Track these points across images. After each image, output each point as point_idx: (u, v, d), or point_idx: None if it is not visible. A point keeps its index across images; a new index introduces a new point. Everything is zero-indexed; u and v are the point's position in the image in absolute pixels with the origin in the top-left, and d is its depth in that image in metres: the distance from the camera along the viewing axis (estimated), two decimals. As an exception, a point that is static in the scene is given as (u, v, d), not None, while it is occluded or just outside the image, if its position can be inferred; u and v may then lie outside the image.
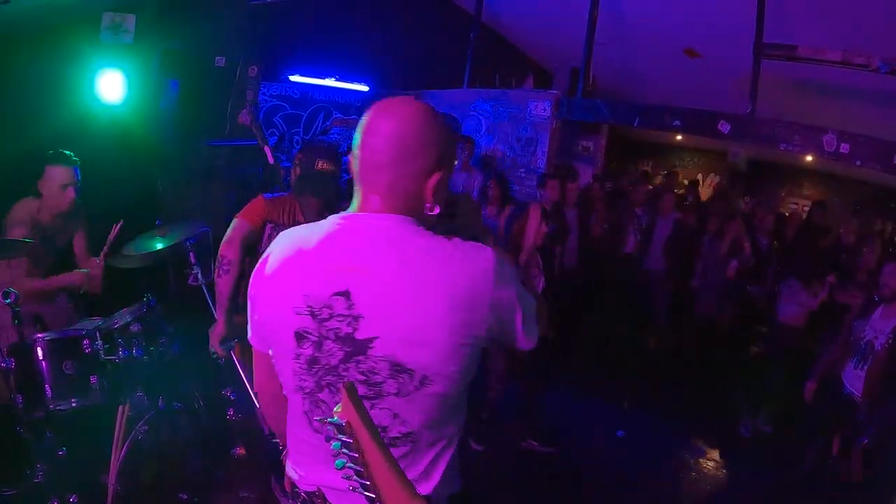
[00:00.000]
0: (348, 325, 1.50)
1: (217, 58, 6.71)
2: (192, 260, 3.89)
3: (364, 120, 1.59)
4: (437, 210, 1.62)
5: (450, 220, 1.70)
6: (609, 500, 4.73)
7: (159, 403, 3.57)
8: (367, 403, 1.49)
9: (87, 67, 5.53)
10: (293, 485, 1.78)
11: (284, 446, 1.83)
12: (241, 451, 3.96)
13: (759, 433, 5.86)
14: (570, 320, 7.44)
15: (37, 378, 3.19)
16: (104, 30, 5.83)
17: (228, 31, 6.79)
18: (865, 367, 4.51)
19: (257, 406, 3.59)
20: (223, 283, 3.52)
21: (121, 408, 3.36)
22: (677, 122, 7.10)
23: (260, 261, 1.69)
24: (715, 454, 5.51)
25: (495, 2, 9.57)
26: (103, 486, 3.32)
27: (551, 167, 8.15)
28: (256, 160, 6.54)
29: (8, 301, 3.05)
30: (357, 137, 1.60)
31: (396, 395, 1.52)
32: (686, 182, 12.86)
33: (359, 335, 1.50)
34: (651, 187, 9.02)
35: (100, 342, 3.32)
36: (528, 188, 8.07)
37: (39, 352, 3.19)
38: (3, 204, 3.90)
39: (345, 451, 1.20)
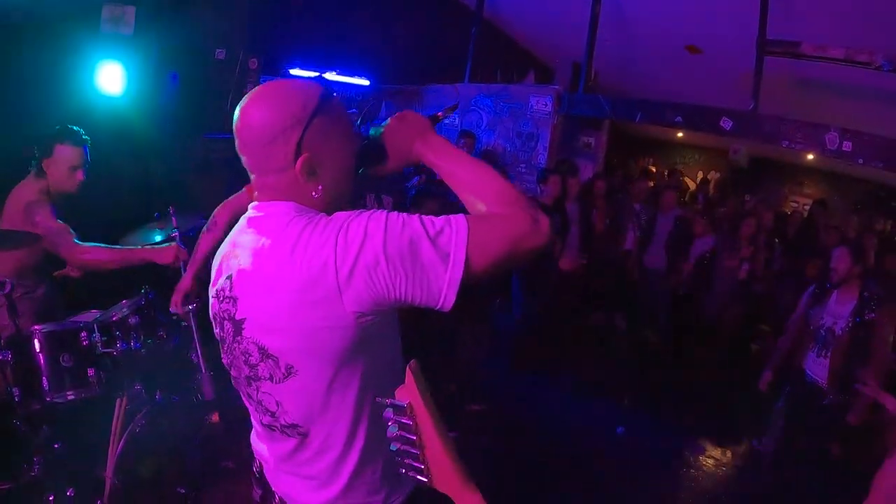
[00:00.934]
0: (231, 305, 1.55)
1: (217, 50, 6.69)
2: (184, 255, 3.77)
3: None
4: (319, 190, 1.55)
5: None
6: (608, 496, 4.72)
7: (157, 397, 3.55)
8: (254, 385, 1.57)
9: (87, 59, 5.51)
10: (254, 457, 1.88)
11: None
12: (215, 417, 3.92)
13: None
14: (570, 316, 7.45)
15: (34, 370, 3.16)
16: (104, 22, 5.81)
17: (229, 24, 6.77)
18: (828, 354, 4.54)
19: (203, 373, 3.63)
20: (203, 240, 3.52)
21: (119, 401, 3.34)
22: (679, 119, 7.08)
23: None
24: (715, 452, 5.50)
25: (496, -4, 9.56)
26: (101, 479, 3.30)
27: (552, 163, 8.13)
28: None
29: (3, 292, 3.02)
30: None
31: (270, 380, 1.53)
32: (687, 180, 12.89)
33: (237, 316, 1.54)
34: (652, 184, 8.97)
35: (97, 335, 3.29)
36: (528, 184, 8.05)
37: (36, 344, 3.16)
38: (2, 196, 3.85)
39: (402, 432, 1.24)
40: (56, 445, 3.22)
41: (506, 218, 1.42)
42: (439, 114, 1.79)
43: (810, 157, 11.13)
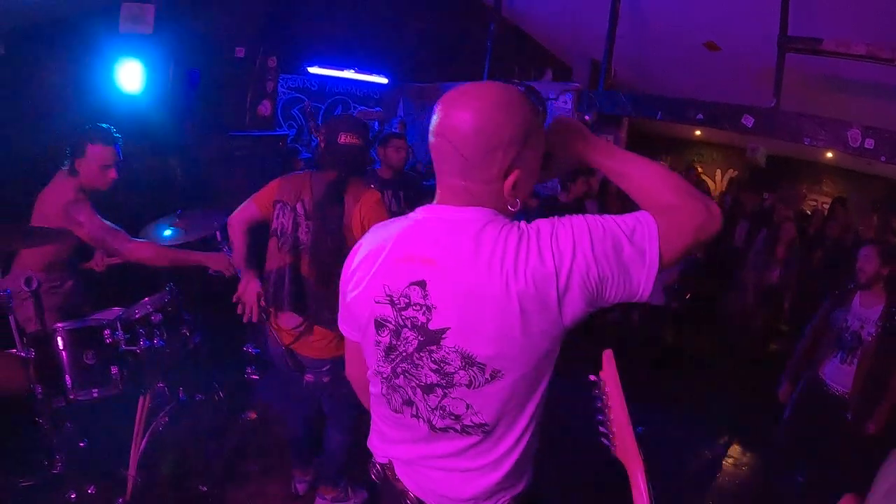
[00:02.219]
0: (423, 314, 1.52)
1: (236, 48, 6.71)
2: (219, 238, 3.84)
3: (439, 110, 1.54)
4: (517, 204, 1.56)
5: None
6: (623, 495, 4.66)
7: (180, 395, 3.55)
8: (439, 391, 1.54)
9: (107, 58, 5.54)
10: (371, 456, 1.86)
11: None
12: (252, 415, 3.93)
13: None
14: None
15: (57, 368, 3.16)
16: (123, 20, 5.84)
17: (247, 22, 6.80)
18: (854, 361, 4.23)
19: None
20: (237, 262, 3.55)
21: (141, 399, 3.35)
22: (700, 116, 7.02)
23: (351, 251, 1.76)
24: (735, 451, 5.46)
25: (513, -6, 9.54)
26: (123, 477, 3.32)
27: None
28: (276, 151, 6.54)
29: (30, 288, 3.02)
30: (433, 127, 1.55)
31: (468, 386, 1.53)
32: (705, 178, 12.84)
33: (432, 325, 1.51)
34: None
35: (120, 332, 3.28)
36: (548, 182, 8.02)
37: (59, 341, 3.15)
38: (27, 194, 3.86)
39: (598, 403, 1.58)
40: (80, 444, 3.21)
41: (685, 210, 1.48)
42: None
43: (829, 155, 11.03)
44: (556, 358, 1.58)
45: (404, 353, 1.58)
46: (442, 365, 1.53)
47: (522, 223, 1.50)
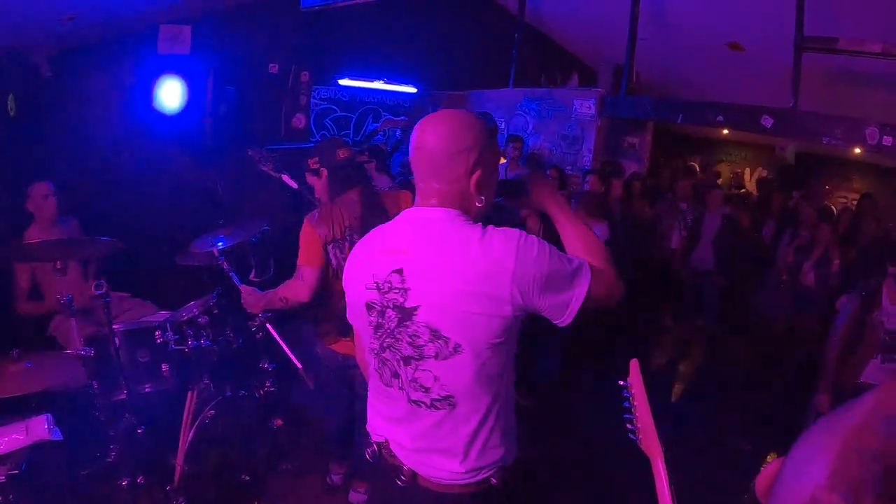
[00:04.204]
0: (401, 295, 1.86)
1: (270, 64, 6.97)
2: (225, 268, 3.92)
3: (414, 135, 1.92)
4: (482, 201, 1.93)
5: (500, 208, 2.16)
6: (649, 492, 4.74)
7: (225, 391, 3.79)
8: (413, 363, 1.86)
9: (147, 78, 5.80)
10: (367, 436, 2.15)
11: None
12: (279, 422, 4.14)
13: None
14: (618, 315, 7.55)
15: (113, 366, 3.44)
16: (161, 42, 6.12)
17: (280, 39, 7.05)
18: (895, 359, 4.17)
19: (300, 367, 3.85)
20: (280, 303, 3.53)
21: (189, 394, 3.59)
22: (720, 118, 7.13)
23: (352, 251, 2.10)
24: (763, 451, 5.48)
25: (538, 1, 9.68)
26: (171, 466, 3.55)
27: (597, 164, 8.26)
28: (297, 166, 6.77)
29: (100, 292, 3.29)
30: (412, 144, 1.92)
31: (435, 357, 1.85)
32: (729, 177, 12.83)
33: (407, 304, 1.85)
34: (694, 182, 8.98)
35: (170, 333, 3.58)
36: (573, 185, 8.19)
37: (116, 341, 3.44)
38: (74, 201, 4.19)
39: (626, 404, 1.90)
40: (138, 431, 3.47)
41: (605, 272, 1.90)
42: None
43: (857, 150, 11.01)
44: (510, 358, 1.93)
45: (388, 330, 1.91)
46: (414, 338, 1.85)
47: (490, 226, 1.86)
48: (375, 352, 1.98)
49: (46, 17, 5.09)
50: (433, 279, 1.80)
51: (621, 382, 1.92)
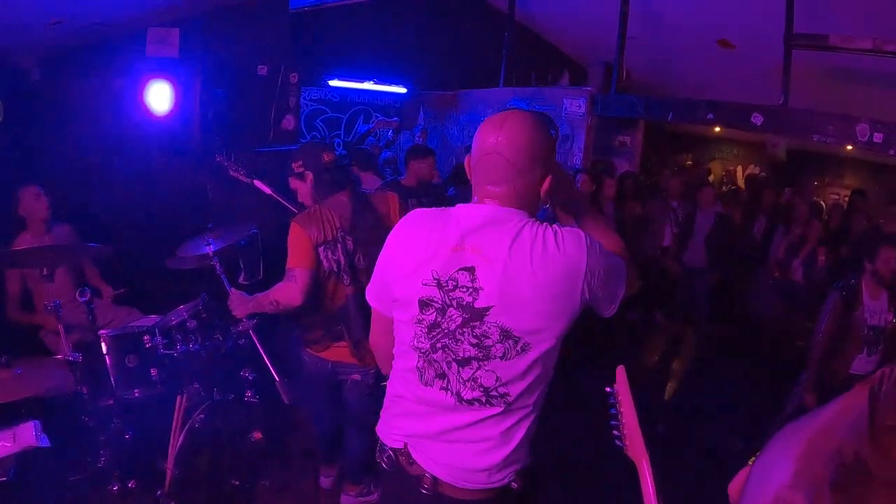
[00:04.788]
0: (470, 295, 1.83)
1: (259, 66, 6.96)
2: (218, 270, 3.84)
3: (486, 137, 1.89)
4: (547, 202, 2.02)
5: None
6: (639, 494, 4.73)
7: (214, 395, 3.78)
8: (474, 364, 1.86)
9: (136, 81, 5.77)
10: (381, 443, 2.09)
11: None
12: (258, 435, 4.08)
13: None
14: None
15: (102, 371, 3.43)
16: (149, 45, 6.10)
17: (269, 41, 7.03)
18: (878, 351, 4.36)
19: (277, 380, 3.64)
20: (271, 307, 3.45)
21: (179, 398, 3.58)
22: (711, 116, 7.16)
23: (391, 234, 2.03)
24: (754, 453, 5.46)
25: (528, 0, 9.70)
26: (162, 471, 3.54)
27: (588, 163, 8.27)
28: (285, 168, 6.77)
29: (84, 299, 3.29)
30: (486, 146, 1.88)
31: (502, 358, 1.84)
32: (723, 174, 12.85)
33: (478, 304, 1.82)
34: (685, 180, 8.98)
35: (159, 338, 3.56)
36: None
37: (104, 346, 3.43)
38: (65, 206, 4.18)
39: (612, 410, 1.89)
40: (126, 436, 3.46)
41: (631, 266, 2.01)
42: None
43: (849, 147, 11.03)
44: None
45: (447, 330, 1.86)
46: (482, 339, 1.83)
47: (556, 225, 1.88)
48: (423, 351, 1.92)
49: (33, 21, 5.07)
50: (510, 280, 1.79)
51: (608, 389, 1.92)
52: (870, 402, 0.83)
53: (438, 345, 1.88)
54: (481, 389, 1.87)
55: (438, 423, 1.93)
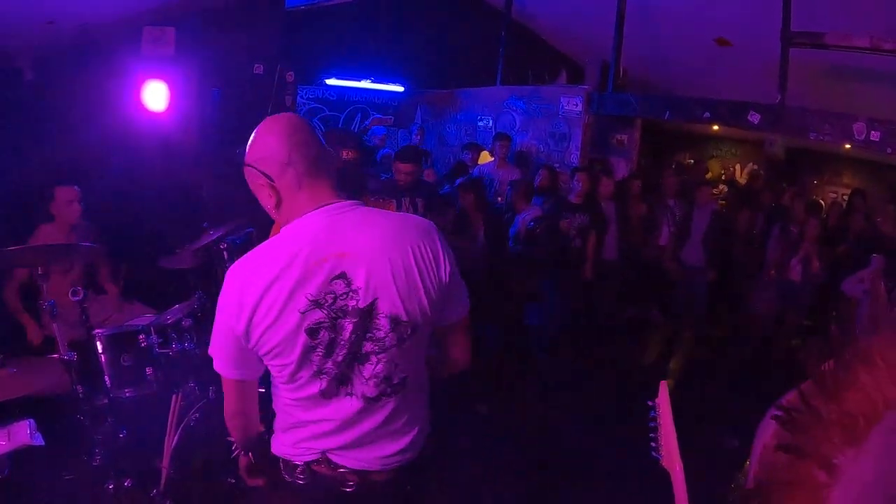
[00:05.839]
0: (351, 299, 1.78)
1: (255, 65, 6.95)
2: (225, 257, 3.93)
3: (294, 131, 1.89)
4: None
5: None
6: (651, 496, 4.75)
7: (210, 393, 3.77)
8: (374, 358, 1.83)
9: (132, 80, 5.77)
10: (287, 462, 1.99)
11: (248, 450, 2.17)
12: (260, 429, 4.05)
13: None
14: (605, 313, 7.56)
15: (97, 370, 3.42)
16: (145, 43, 6.09)
17: (265, 40, 7.02)
18: None
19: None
20: None
21: (174, 397, 3.58)
22: (707, 114, 7.15)
23: (224, 299, 1.85)
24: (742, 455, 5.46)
25: (525, -2, 9.71)
26: (157, 470, 3.53)
27: (585, 161, 8.26)
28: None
29: (77, 298, 3.28)
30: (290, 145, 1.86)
31: (397, 345, 1.85)
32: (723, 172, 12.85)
33: (362, 304, 1.79)
34: (683, 178, 8.98)
35: (154, 336, 3.55)
36: (561, 183, 8.18)
37: (99, 346, 3.43)
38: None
39: (652, 423, 2.02)
40: (120, 434, 3.45)
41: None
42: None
43: (847, 145, 11.02)
44: None
45: (343, 340, 1.81)
46: (375, 332, 1.81)
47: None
48: (328, 373, 1.83)
49: (25, 21, 5.06)
50: (385, 269, 1.78)
51: (649, 402, 2.04)
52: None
53: (339, 358, 1.82)
54: (385, 382, 1.87)
55: (352, 433, 1.90)
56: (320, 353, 1.81)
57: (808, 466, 0.80)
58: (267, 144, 1.86)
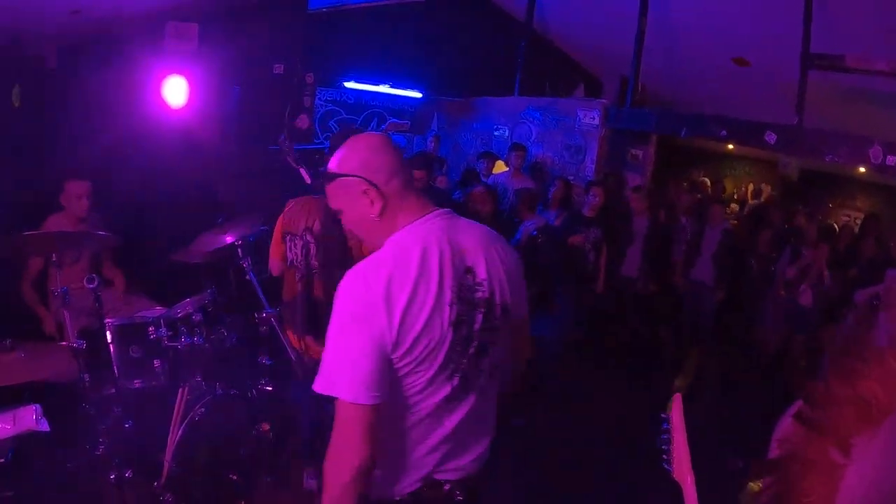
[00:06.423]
0: (479, 291, 1.91)
1: (275, 65, 6.98)
2: (240, 255, 3.95)
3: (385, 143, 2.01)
4: None
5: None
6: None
7: (216, 389, 3.78)
8: (491, 349, 1.97)
9: (153, 74, 5.79)
10: (432, 483, 1.94)
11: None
12: (265, 427, 3.96)
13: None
14: (614, 327, 7.56)
15: (105, 359, 3.44)
16: (168, 38, 6.11)
17: (286, 40, 7.06)
18: None
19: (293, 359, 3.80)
20: None
21: (180, 391, 3.58)
22: (724, 133, 7.13)
23: (371, 308, 1.72)
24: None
25: (546, 10, 9.69)
26: (159, 463, 3.52)
27: (600, 175, 8.26)
28: (312, 164, 6.79)
29: (92, 286, 3.30)
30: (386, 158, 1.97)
31: (503, 333, 2.00)
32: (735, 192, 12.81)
33: (487, 295, 1.93)
34: (699, 196, 8.98)
35: (164, 329, 3.58)
36: (575, 195, 8.18)
37: (109, 335, 3.45)
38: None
39: (665, 435, 2.00)
40: (127, 425, 3.46)
41: None
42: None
43: (862, 169, 10.99)
44: None
45: (475, 332, 1.90)
46: (492, 321, 1.93)
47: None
48: (452, 370, 1.84)
49: (51, 9, 5.09)
50: (494, 263, 1.96)
51: (663, 415, 2.03)
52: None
53: (477, 345, 1.91)
54: (497, 369, 2.01)
55: (457, 437, 1.94)
56: (459, 349, 1.86)
57: (824, 445, 0.87)
58: (373, 156, 1.93)
